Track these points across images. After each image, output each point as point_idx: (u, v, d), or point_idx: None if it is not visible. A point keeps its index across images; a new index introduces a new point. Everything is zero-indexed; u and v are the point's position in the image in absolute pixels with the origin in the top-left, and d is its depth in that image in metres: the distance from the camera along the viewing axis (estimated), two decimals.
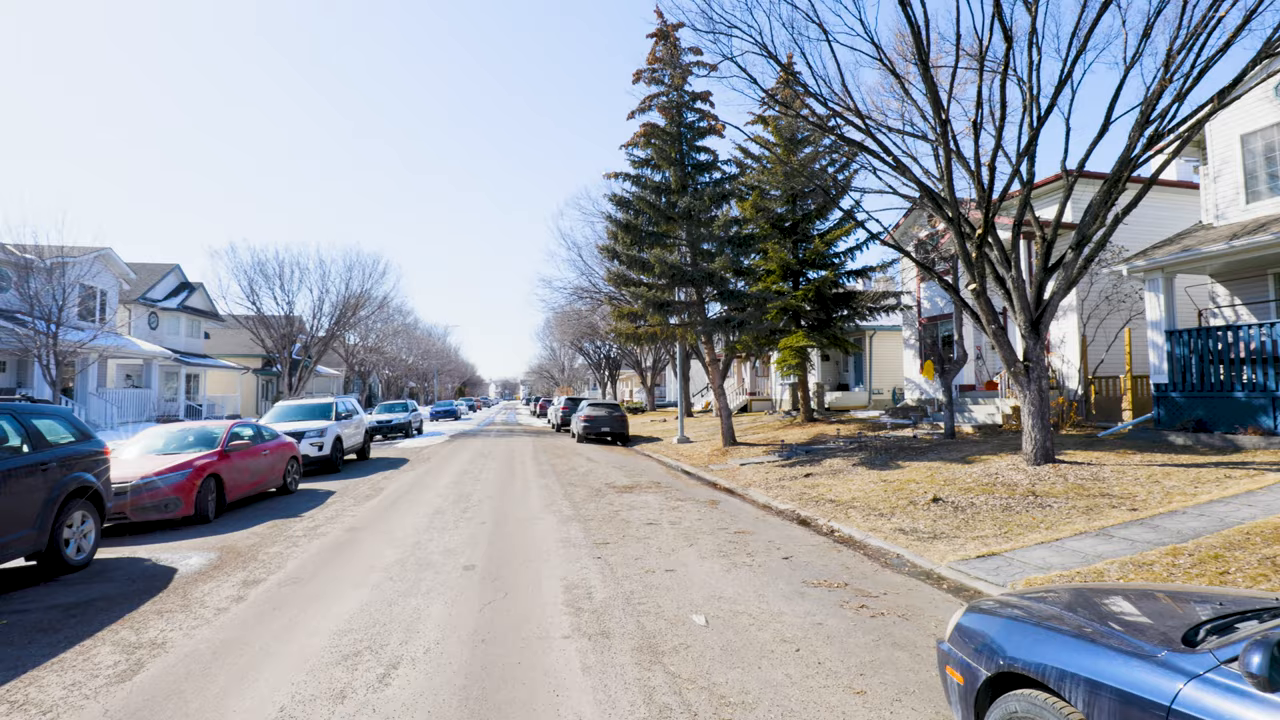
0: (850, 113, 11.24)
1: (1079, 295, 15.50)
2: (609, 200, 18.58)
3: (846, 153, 16.43)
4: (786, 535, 7.82)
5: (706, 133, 18.26)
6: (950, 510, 8.11)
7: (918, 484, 9.82)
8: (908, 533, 7.27)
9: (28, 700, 3.80)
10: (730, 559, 6.64)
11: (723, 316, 18.73)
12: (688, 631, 4.60)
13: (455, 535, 8.09)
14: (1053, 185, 15.93)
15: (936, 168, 11.47)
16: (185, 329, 37.26)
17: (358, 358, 51.68)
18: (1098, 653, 2.02)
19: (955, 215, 10.52)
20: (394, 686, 3.80)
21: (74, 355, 24.30)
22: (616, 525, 8.52)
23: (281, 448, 12.86)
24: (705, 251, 18.18)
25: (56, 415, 7.56)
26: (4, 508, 6.18)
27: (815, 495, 9.95)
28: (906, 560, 6.40)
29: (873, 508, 8.66)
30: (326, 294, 36.88)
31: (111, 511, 8.78)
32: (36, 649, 4.63)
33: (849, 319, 22.35)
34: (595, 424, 23.43)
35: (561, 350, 69.74)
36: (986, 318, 10.61)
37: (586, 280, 36.13)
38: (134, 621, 5.15)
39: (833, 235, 21.93)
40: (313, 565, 6.79)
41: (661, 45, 17.62)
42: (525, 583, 5.94)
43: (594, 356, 52.90)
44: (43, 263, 23.54)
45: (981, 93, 10.21)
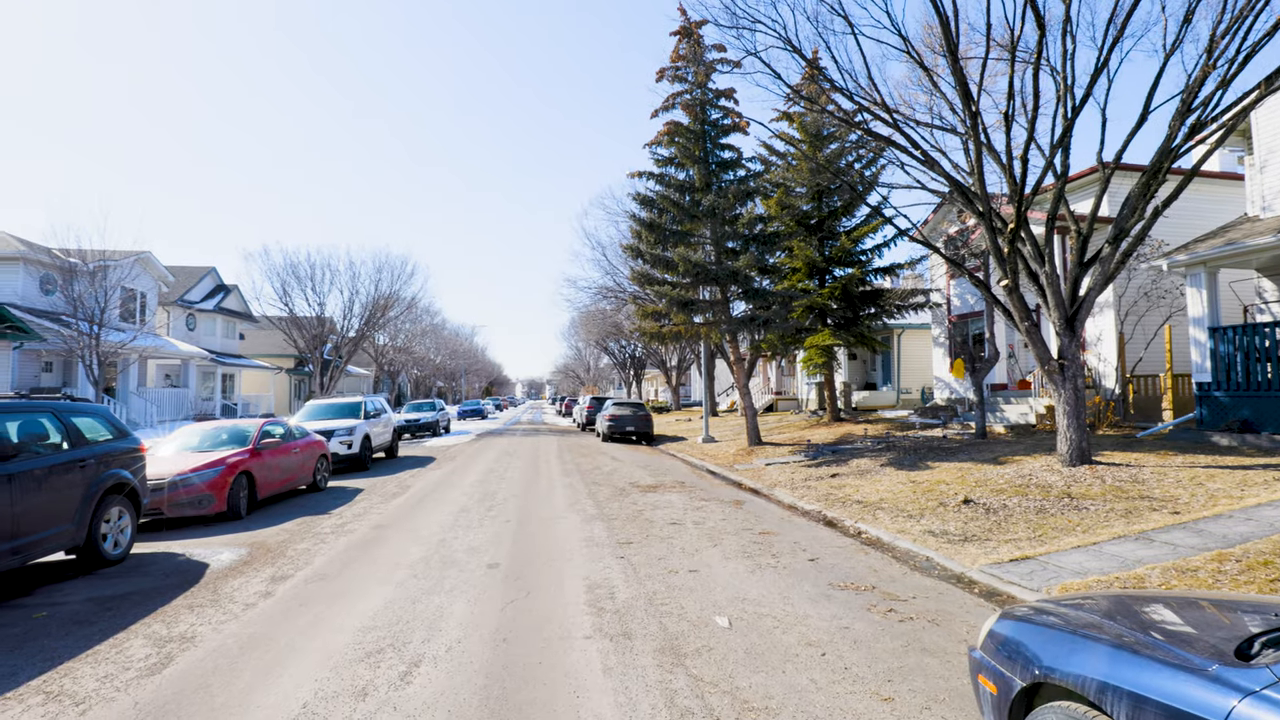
0: (877, 107, 11.05)
1: (1116, 291, 15.04)
2: (632, 199, 18.56)
3: (873, 148, 16.19)
4: (812, 536, 7.70)
5: (730, 130, 18.12)
6: (982, 512, 7.91)
7: (948, 485, 9.61)
8: (937, 535, 7.10)
9: (62, 691, 3.88)
10: (755, 560, 6.55)
11: (747, 315, 18.57)
12: (710, 633, 4.54)
13: (479, 533, 8.12)
14: (1088, 178, 15.48)
15: (966, 162, 11.21)
16: (221, 330, 38.18)
17: (387, 358, 52.43)
18: (1142, 665, 1.91)
19: (986, 210, 10.27)
20: (415, 685, 3.80)
21: (115, 356, 25.06)
22: (640, 525, 8.48)
23: (311, 446, 13.07)
24: (730, 250, 18.05)
25: (95, 413, 7.76)
26: (44, 503, 6.36)
27: (842, 496, 9.79)
28: (936, 563, 6.25)
29: (901, 509, 8.49)
30: (356, 295, 37.51)
31: (148, 507, 9.00)
32: (72, 641, 4.74)
33: (876, 317, 22.00)
34: (620, 423, 23.42)
35: (587, 350, 69.98)
36: (1019, 315, 10.33)
37: (611, 280, 36.20)
38: (165, 615, 5.25)
39: (860, 232, 21.61)
40: (339, 562, 6.87)
41: (684, 43, 17.53)
42: (548, 582, 5.93)
43: (619, 356, 52.96)
44: (86, 266, 24.31)
45: (1013, 84, 9.94)
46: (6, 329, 20.72)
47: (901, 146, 11.12)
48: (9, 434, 6.29)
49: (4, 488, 5.91)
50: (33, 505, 6.20)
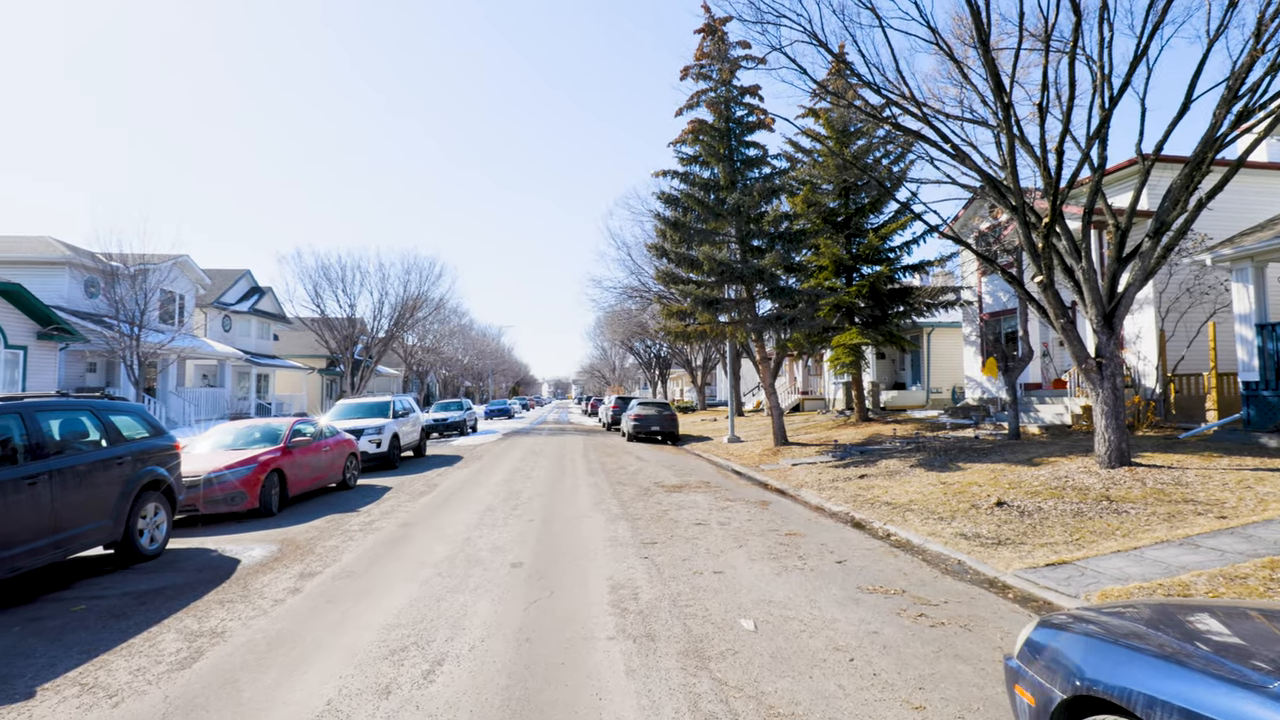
0: (906, 101, 10.83)
1: (1156, 287, 14.56)
2: (657, 198, 18.49)
3: (902, 143, 15.90)
4: (840, 538, 7.57)
5: (755, 127, 17.95)
6: (1016, 515, 7.69)
7: (980, 487, 9.38)
8: (969, 538, 6.92)
9: (96, 683, 3.97)
10: (781, 562, 6.45)
11: (773, 314, 18.39)
12: (735, 636, 4.47)
13: (504, 532, 8.15)
14: (1126, 171, 15.00)
15: (999, 155, 10.94)
16: (256, 331, 39.03)
17: (416, 358, 53.14)
18: (1193, 679, 1.80)
19: (1020, 204, 10.00)
20: (438, 684, 3.80)
21: (155, 356, 25.75)
22: (664, 525, 8.42)
23: (341, 444, 13.27)
24: (755, 248, 17.89)
25: (132, 411, 7.96)
26: (84, 499, 6.53)
27: (870, 497, 9.62)
28: (968, 567, 6.08)
29: (932, 511, 8.30)
30: (386, 296, 38.09)
31: (184, 504, 9.22)
32: (108, 634, 4.85)
33: (905, 315, 21.63)
34: (645, 423, 23.38)
35: (612, 350, 70.12)
36: (1055, 312, 10.04)
37: (636, 279, 36.21)
38: (197, 610, 5.35)
39: (888, 229, 21.25)
40: (366, 559, 6.93)
41: (709, 40, 17.42)
42: (571, 582, 5.91)
43: (644, 356, 52.97)
44: (127, 269, 25.01)
45: (1047, 74, 9.67)
46: (53, 330, 21.45)
47: (931, 140, 10.89)
48: (51, 431, 6.47)
49: (45, 484, 6.08)
50: (73, 501, 6.37)
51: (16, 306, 20.30)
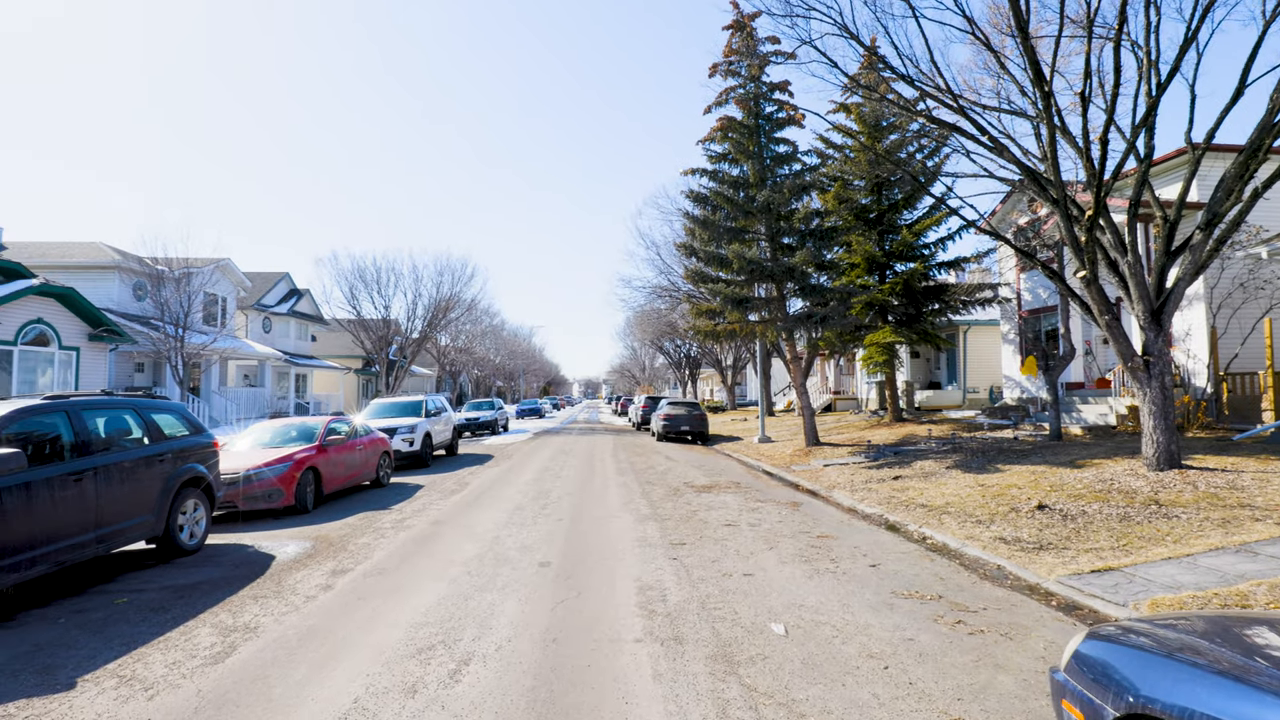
0: (941, 93, 10.55)
1: (1207, 282, 13.95)
2: (686, 197, 18.38)
3: (937, 136, 15.53)
4: (873, 541, 7.39)
5: (785, 123, 17.73)
6: (1058, 519, 7.42)
7: (1020, 489, 9.08)
8: (1009, 542, 6.69)
9: (134, 676, 4.05)
10: (812, 565, 6.32)
11: (804, 312, 18.13)
12: (765, 641, 4.37)
13: (533, 532, 8.15)
14: (1175, 161, 14.41)
15: (1038, 147, 10.59)
16: (294, 332, 39.96)
17: (449, 358, 53.86)
18: (1260, 699, 1.67)
19: (1061, 197, 9.66)
20: (464, 684, 3.79)
21: (198, 357, 26.55)
22: (694, 526, 8.34)
23: (374, 443, 13.46)
24: (785, 246, 17.66)
25: (172, 410, 8.17)
26: (127, 495, 6.72)
27: (905, 499, 9.39)
28: (1008, 572, 5.87)
29: (969, 514, 8.06)
30: (419, 297, 38.69)
31: (223, 500, 9.43)
32: (147, 627, 4.96)
33: (940, 313, 21.14)
34: (674, 422, 23.27)
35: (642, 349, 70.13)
36: (1099, 308, 9.68)
37: (665, 279, 36.08)
38: (232, 605, 5.44)
39: (922, 225, 20.81)
40: (397, 557, 6.99)
41: (737, 37, 17.25)
42: (599, 582, 5.86)
43: (674, 355, 52.84)
44: (172, 273, 25.84)
45: (1090, 62, 9.31)
46: (103, 332, 22.25)
47: (967, 133, 10.59)
48: (96, 429, 6.66)
49: (90, 480, 6.27)
50: (116, 497, 6.55)
51: (69, 309, 21.10)
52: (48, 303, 20.31)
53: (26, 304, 19.53)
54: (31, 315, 19.77)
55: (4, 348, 18.97)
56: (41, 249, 27.04)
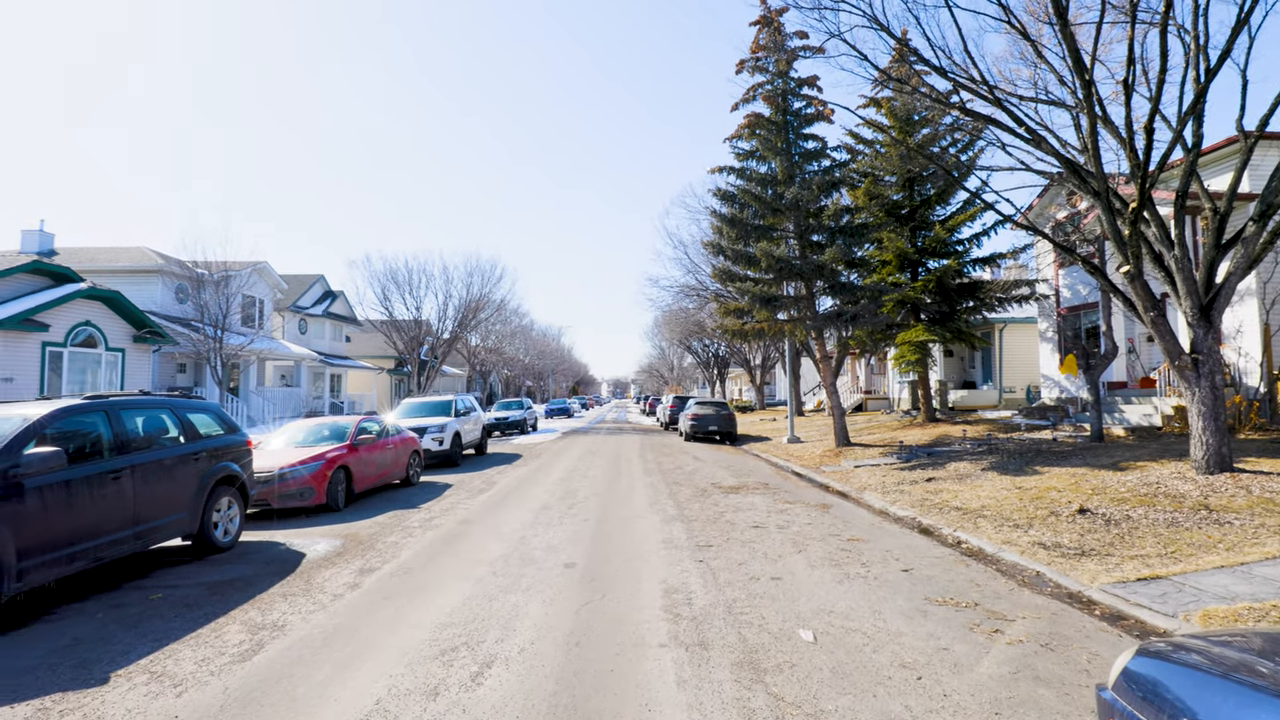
0: (976, 84, 10.26)
1: (1260, 277, 13.34)
2: (713, 195, 18.21)
3: (970, 129, 15.12)
4: (906, 545, 7.20)
5: (814, 119, 17.46)
6: (1100, 523, 7.13)
7: (1059, 492, 8.77)
8: (1049, 547, 6.45)
9: (164, 672, 4.11)
10: (842, 569, 6.17)
11: (834, 311, 17.85)
12: (793, 648, 4.25)
13: (559, 532, 8.13)
14: (1225, 150, 13.81)
15: (1078, 138, 10.24)
16: (329, 333, 40.77)
17: (479, 358, 54.44)
18: None
19: (1103, 189, 9.31)
20: (485, 687, 3.75)
21: (237, 357, 27.24)
22: (721, 527, 8.23)
23: (404, 442, 13.61)
24: (814, 243, 17.40)
25: (207, 410, 8.34)
26: (163, 492, 6.87)
27: (938, 502, 9.14)
28: (1048, 579, 5.65)
29: (1006, 518, 7.80)
30: (450, 298, 39.20)
31: (257, 498, 9.62)
32: (180, 623, 5.05)
33: (975, 311, 20.62)
34: (702, 422, 23.12)
35: (670, 349, 70.00)
36: (1143, 304, 9.30)
37: (693, 278, 35.95)
38: (262, 603, 5.51)
39: (955, 221, 20.32)
40: (424, 556, 7.03)
41: (764, 32, 17.04)
42: (624, 584, 5.80)
43: (702, 355, 52.60)
44: (211, 276, 26.57)
45: (1133, 48, 8.95)
46: (147, 334, 22.95)
47: (1003, 125, 10.28)
48: (134, 428, 6.82)
49: (128, 478, 6.42)
50: (153, 495, 6.69)
51: (115, 312, 21.81)
52: (95, 306, 21.02)
53: (75, 307, 20.23)
54: (80, 318, 20.47)
55: (55, 349, 19.67)
56: (90, 254, 28.00)
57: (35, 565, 5.26)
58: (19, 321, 18.02)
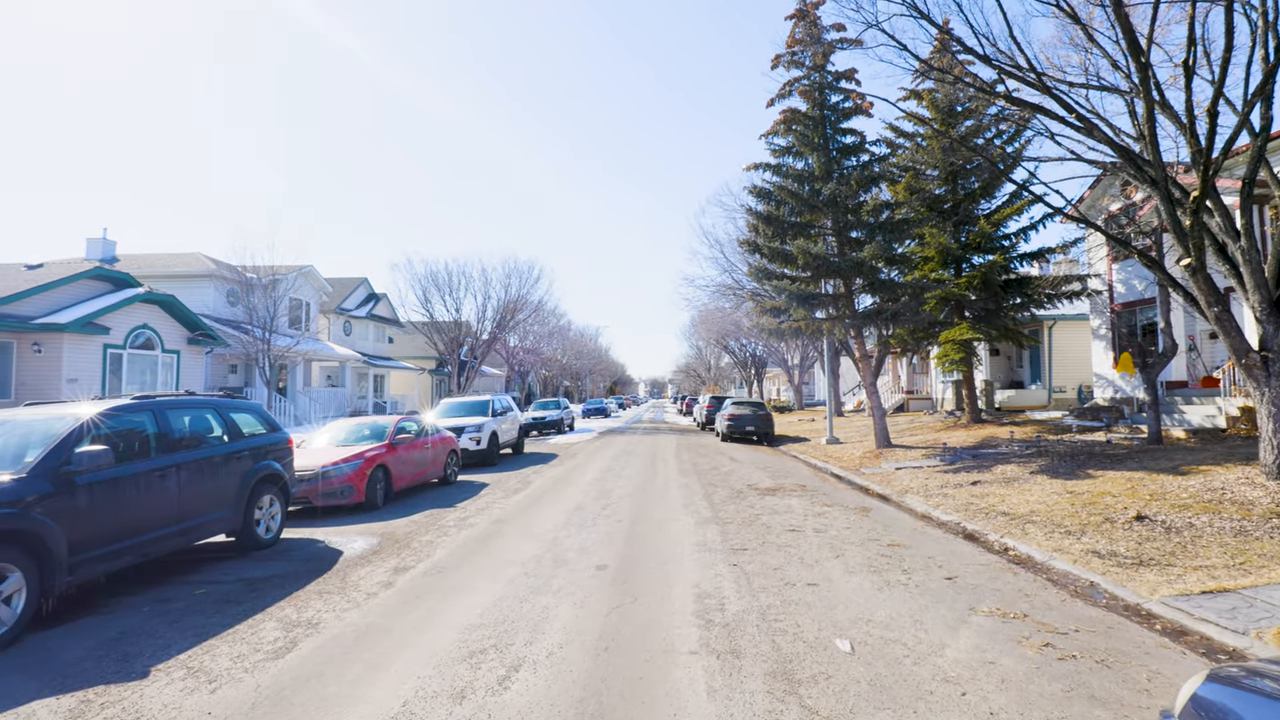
0: (1023, 71, 9.85)
1: None
2: (748, 192, 17.96)
3: (1017, 119, 14.57)
4: (949, 551, 6.93)
5: (852, 113, 17.07)
6: (1160, 531, 6.74)
7: (1114, 497, 8.35)
8: (1104, 556, 6.12)
9: (201, 668, 4.19)
10: (882, 575, 5.96)
11: (874, 309, 17.42)
12: (829, 658, 4.10)
13: (591, 533, 8.08)
14: None
15: (1133, 125, 9.74)
16: (373, 335, 41.72)
17: (517, 358, 54.97)
18: None
19: (1161, 177, 8.83)
20: (512, 691, 3.70)
21: (285, 358, 28.07)
22: (756, 530, 8.06)
23: (442, 442, 13.77)
24: (853, 240, 17.01)
25: (250, 409, 8.54)
26: (207, 490, 7.05)
27: (984, 506, 8.80)
28: (1103, 590, 5.35)
29: (1057, 524, 7.45)
30: (488, 299, 39.71)
31: (299, 495, 9.84)
32: (220, 619, 5.15)
33: (1023, 308, 19.90)
34: (739, 423, 22.86)
35: (707, 349, 69.64)
36: (1206, 299, 8.80)
37: (729, 277, 35.64)
38: (298, 600, 5.59)
39: (1001, 215, 19.64)
40: (458, 556, 7.06)
41: (800, 26, 16.72)
42: (655, 587, 5.71)
43: (739, 355, 52.14)
44: (260, 280, 27.43)
45: (1194, 29, 8.47)
46: (200, 336, 23.81)
47: (1052, 113, 9.85)
48: (179, 428, 7.01)
49: (174, 476, 6.60)
50: (197, 492, 6.87)
51: (170, 315, 22.68)
52: (152, 309, 21.89)
53: (133, 311, 21.11)
54: (138, 321, 21.35)
55: (115, 351, 20.54)
56: (149, 260, 29.20)
57: (86, 560, 5.43)
58: (83, 325, 18.87)
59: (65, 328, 18.39)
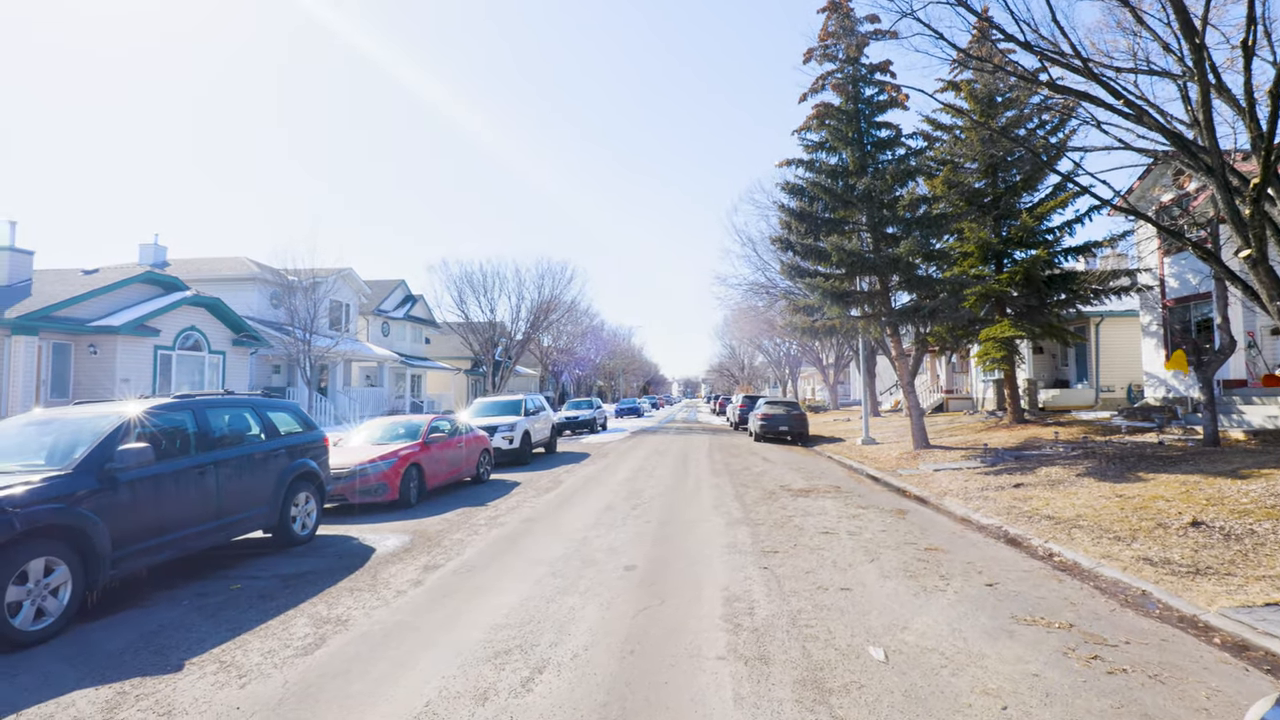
0: (1068, 57, 9.47)
1: None
2: (780, 189, 17.70)
3: (1061, 108, 14.04)
4: (990, 556, 6.68)
5: (887, 106, 16.69)
6: (1219, 538, 6.39)
7: (1168, 502, 7.96)
8: (1156, 564, 5.82)
9: (232, 662, 4.25)
10: (919, 581, 5.76)
11: (911, 306, 17.01)
12: (862, 667, 3.96)
13: (621, 533, 8.03)
14: None
15: (1186, 111, 9.29)
16: (410, 335, 42.48)
17: (551, 358, 55.40)
18: None
19: (1218, 165, 8.39)
20: (535, 693, 3.66)
21: (325, 359, 28.75)
22: (788, 532, 7.91)
23: (475, 441, 13.90)
24: (889, 236, 16.63)
25: (286, 408, 8.71)
26: (245, 487, 7.20)
27: (1028, 509, 8.48)
28: (1156, 599, 5.08)
29: (1105, 529, 7.13)
30: (522, 300, 40.14)
31: (335, 493, 10.01)
32: (253, 614, 5.24)
33: (1068, 304, 19.19)
34: (772, 423, 22.58)
35: (741, 348, 69.19)
36: (1268, 292, 8.33)
37: (762, 276, 35.35)
38: (329, 597, 5.66)
39: (1044, 208, 18.97)
40: (487, 555, 7.08)
41: (833, 19, 16.41)
42: (684, 590, 5.62)
43: (773, 354, 51.67)
44: (301, 283, 28.13)
45: (1254, 7, 8.01)
46: (244, 337, 24.54)
47: (1099, 100, 9.46)
48: (218, 426, 7.18)
49: (212, 473, 6.76)
50: (235, 489, 7.03)
51: (216, 317, 23.41)
52: (198, 312, 22.63)
53: (182, 314, 21.84)
54: (186, 323, 22.08)
55: (165, 352, 21.29)
56: (196, 264, 30.20)
57: (128, 554, 5.59)
58: (135, 328, 19.60)
59: (118, 330, 19.11)
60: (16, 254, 20.25)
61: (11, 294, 19.03)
